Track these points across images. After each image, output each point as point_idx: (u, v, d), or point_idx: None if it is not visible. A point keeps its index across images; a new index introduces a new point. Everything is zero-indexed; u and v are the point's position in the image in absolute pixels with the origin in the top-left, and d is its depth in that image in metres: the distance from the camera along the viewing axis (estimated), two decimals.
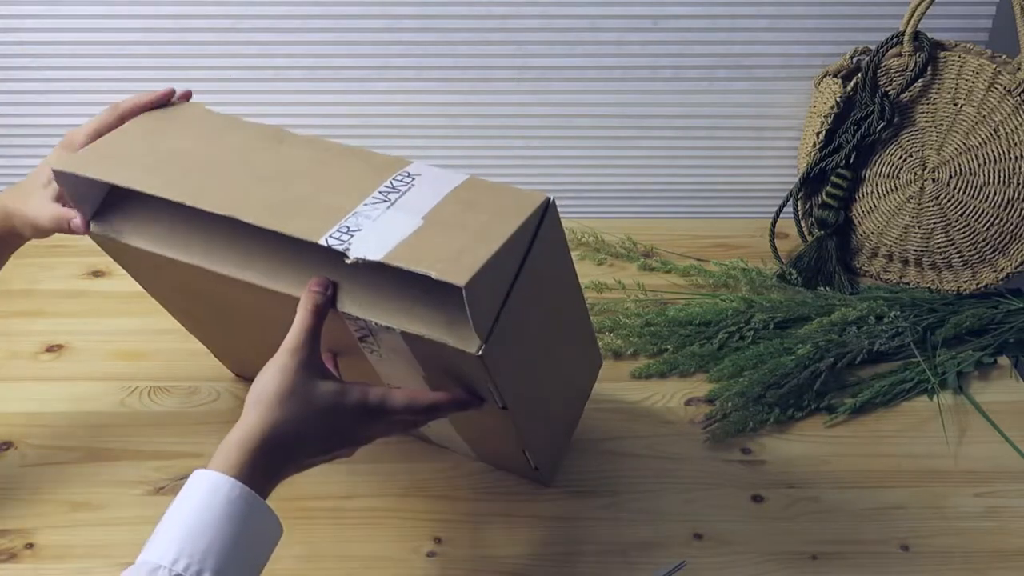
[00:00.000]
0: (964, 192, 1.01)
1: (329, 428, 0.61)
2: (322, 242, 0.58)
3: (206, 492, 0.56)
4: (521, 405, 0.68)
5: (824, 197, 1.07)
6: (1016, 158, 0.98)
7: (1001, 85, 0.97)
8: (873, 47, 1.02)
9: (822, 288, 1.04)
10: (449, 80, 1.10)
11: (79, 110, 1.13)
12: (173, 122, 0.72)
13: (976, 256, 1.03)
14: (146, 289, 0.81)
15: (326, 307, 0.62)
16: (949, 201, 1.02)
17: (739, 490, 0.82)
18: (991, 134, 0.98)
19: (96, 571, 0.74)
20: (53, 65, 1.09)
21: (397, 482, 0.82)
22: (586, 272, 1.07)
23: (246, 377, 0.92)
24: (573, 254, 0.70)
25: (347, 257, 0.57)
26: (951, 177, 1.02)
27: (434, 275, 0.55)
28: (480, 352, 0.58)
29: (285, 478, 0.61)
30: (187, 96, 0.75)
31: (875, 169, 1.06)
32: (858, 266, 1.11)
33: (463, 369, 0.62)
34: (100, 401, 0.90)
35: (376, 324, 0.61)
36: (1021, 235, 1.00)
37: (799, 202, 1.10)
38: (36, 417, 0.88)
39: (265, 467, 0.59)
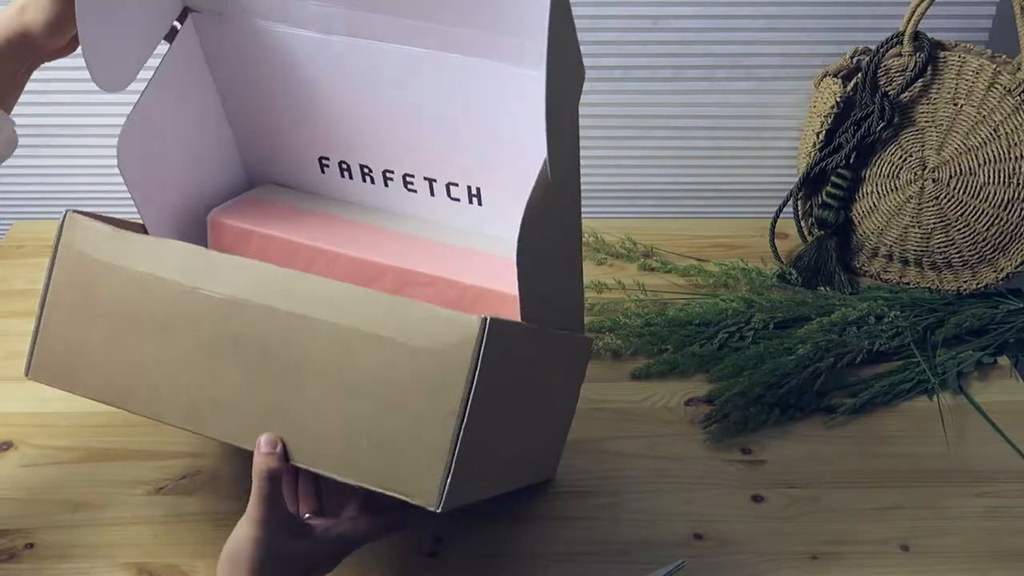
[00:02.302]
0: (964, 192, 1.01)
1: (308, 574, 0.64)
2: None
3: None
4: (505, 482, 0.70)
5: (824, 197, 1.07)
6: (1016, 158, 0.98)
7: (1001, 85, 0.97)
8: (873, 47, 1.02)
9: (822, 288, 1.04)
10: None
11: (79, 109, 1.13)
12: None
13: (976, 256, 1.03)
14: None
15: (280, 468, 0.61)
16: (949, 201, 1.02)
17: (739, 490, 0.82)
18: (991, 134, 0.98)
19: (96, 571, 0.74)
20: (53, 65, 1.09)
21: None
22: (586, 272, 1.07)
23: None
24: None
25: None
26: (951, 177, 1.02)
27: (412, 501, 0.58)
28: (440, 509, 0.57)
29: None
30: None
31: (875, 169, 1.06)
32: (858, 266, 1.11)
33: None
34: None
35: (332, 478, 0.61)
36: (1021, 235, 1.00)
37: (799, 202, 1.10)
38: (36, 417, 0.88)
39: None
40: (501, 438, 0.65)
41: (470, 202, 0.77)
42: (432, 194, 0.78)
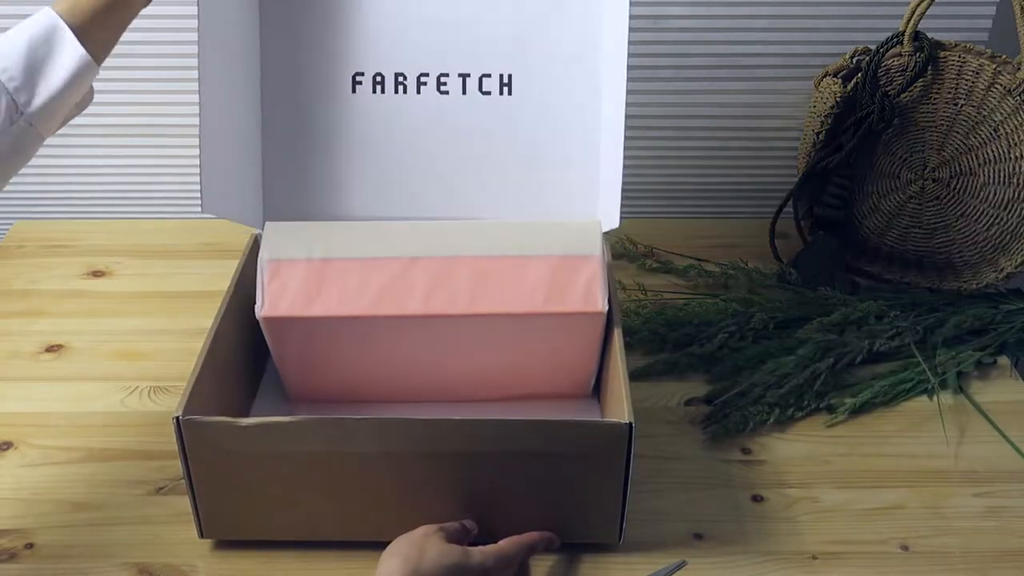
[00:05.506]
0: (964, 192, 1.01)
1: None
2: None
3: None
4: None
5: (824, 197, 1.07)
6: (1016, 158, 0.98)
7: (1001, 85, 0.97)
8: (873, 47, 1.02)
9: (822, 288, 1.04)
10: None
11: None
12: None
13: (977, 256, 1.03)
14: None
15: (472, 530, 0.72)
16: (950, 201, 1.02)
17: (739, 490, 0.82)
18: (991, 134, 0.98)
19: (96, 571, 0.74)
20: None
21: None
22: None
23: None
24: None
25: None
26: (951, 177, 1.02)
27: None
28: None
29: None
30: None
31: (875, 169, 1.06)
32: (858, 266, 1.11)
33: None
34: (100, 401, 0.90)
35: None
36: (1021, 235, 1.00)
37: (799, 202, 1.10)
38: (36, 417, 0.88)
39: None
40: None
41: (500, 93, 0.86)
42: (464, 92, 0.86)
